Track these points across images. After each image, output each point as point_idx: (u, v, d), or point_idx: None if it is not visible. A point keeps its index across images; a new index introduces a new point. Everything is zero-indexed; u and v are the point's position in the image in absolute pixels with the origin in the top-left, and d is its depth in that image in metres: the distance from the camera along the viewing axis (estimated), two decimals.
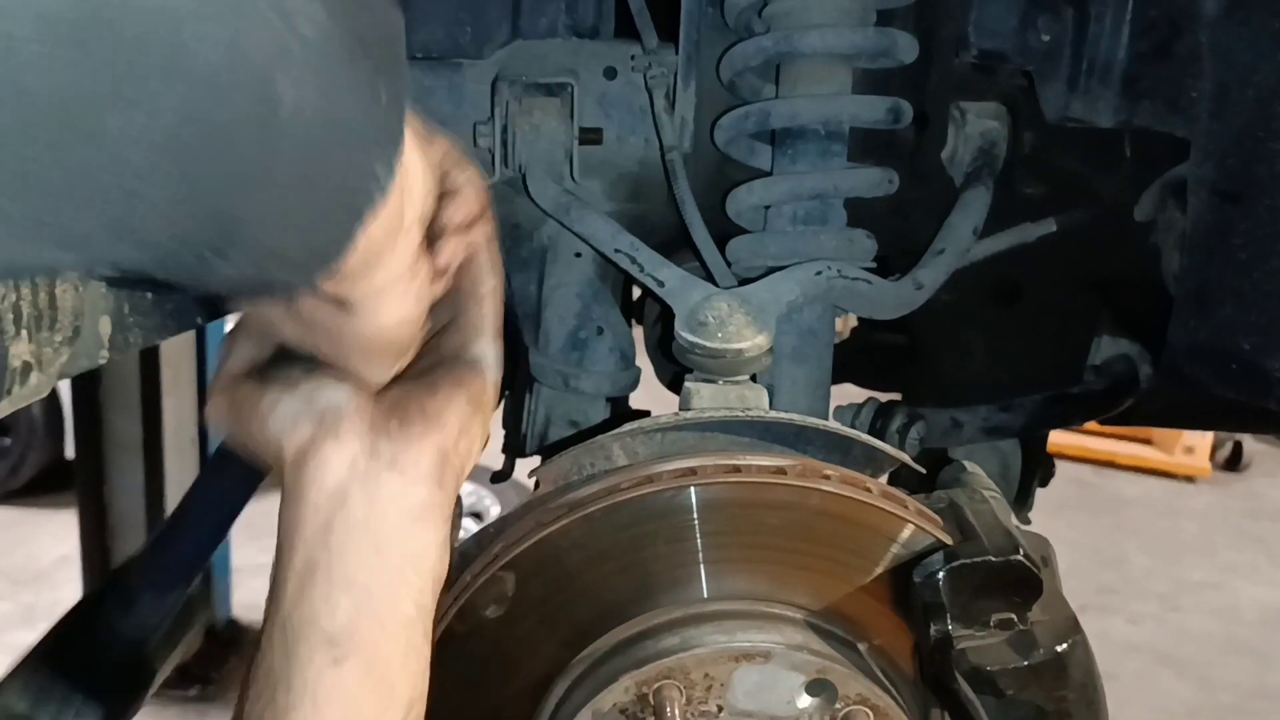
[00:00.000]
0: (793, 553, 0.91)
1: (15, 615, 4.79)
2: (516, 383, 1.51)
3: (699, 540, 0.90)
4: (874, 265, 1.27)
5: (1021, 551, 0.85)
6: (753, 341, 1.03)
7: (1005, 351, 1.50)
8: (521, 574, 0.89)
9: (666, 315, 1.42)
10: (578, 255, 1.38)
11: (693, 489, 0.89)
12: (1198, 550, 5.88)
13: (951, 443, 1.44)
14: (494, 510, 5.12)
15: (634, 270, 1.18)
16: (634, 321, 1.67)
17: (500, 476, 1.55)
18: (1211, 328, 1.33)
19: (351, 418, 0.68)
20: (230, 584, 4.73)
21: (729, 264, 1.27)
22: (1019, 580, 0.86)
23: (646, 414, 1.60)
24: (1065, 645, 0.87)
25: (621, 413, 1.52)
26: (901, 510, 0.89)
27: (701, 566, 0.91)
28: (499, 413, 1.52)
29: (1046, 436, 1.56)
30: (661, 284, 1.14)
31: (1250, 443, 6.78)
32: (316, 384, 0.68)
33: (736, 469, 0.89)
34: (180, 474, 4.31)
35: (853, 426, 1.41)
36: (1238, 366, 1.31)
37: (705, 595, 0.91)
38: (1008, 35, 1.28)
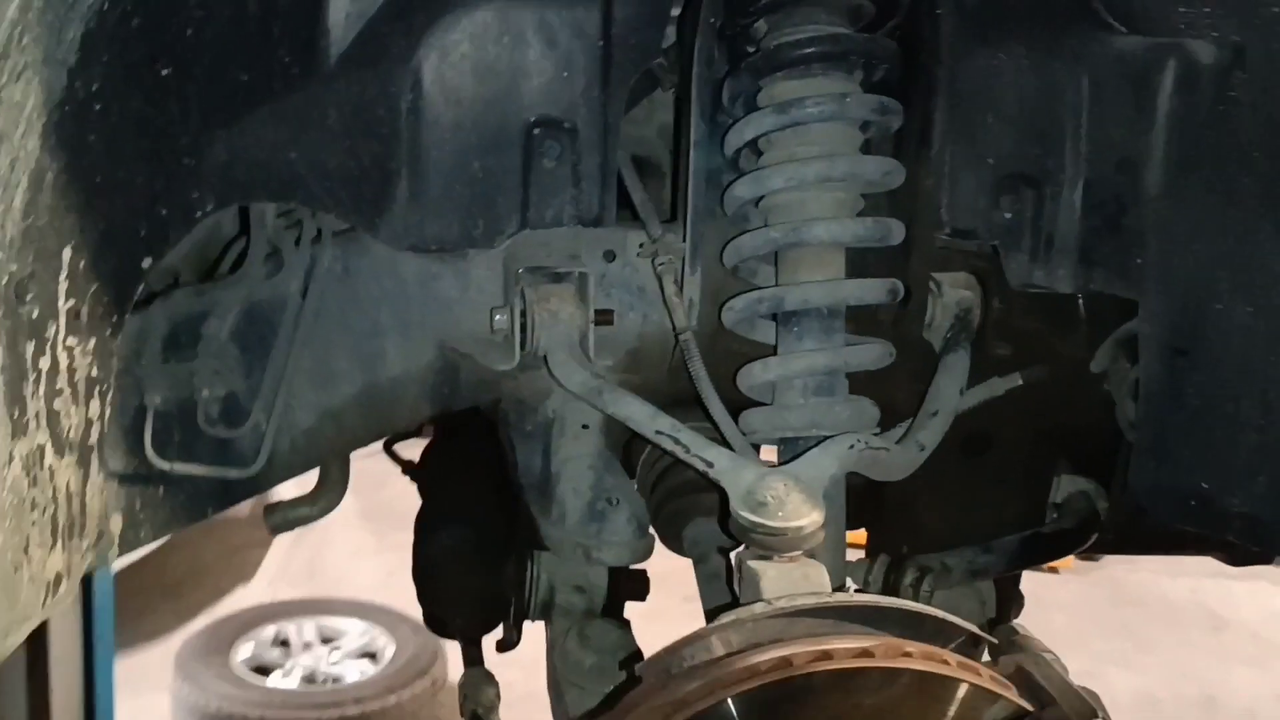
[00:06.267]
0: None
1: None
2: (518, 551, 1.54)
3: None
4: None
5: (1100, 715, 0.93)
6: (809, 519, 1.10)
7: (978, 497, 1.61)
8: None
9: (671, 485, 1.48)
10: (585, 427, 1.43)
11: (791, 679, 0.94)
12: (1069, 641, 6.02)
13: (942, 586, 1.53)
14: (389, 650, 4.99)
15: (679, 451, 1.24)
16: None
17: (505, 645, 1.56)
18: (1171, 470, 1.46)
19: None
20: None
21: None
22: None
23: (643, 574, 1.65)
24: None
25: (625, 576, 1.56)
26: (983, 680, 0.96)
27: None
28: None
29: (1020, 574, 1.67)
30: (711, 464, 1.20)
31: None
32: None
33: (828, 655, 0.94)
34: None
35: (865, 582, 1.48)
36: (1197, 504, 1.44)
37: None
38: (977, 214, 1.41)
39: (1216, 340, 1.41)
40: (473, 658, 1.49)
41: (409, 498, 1.81)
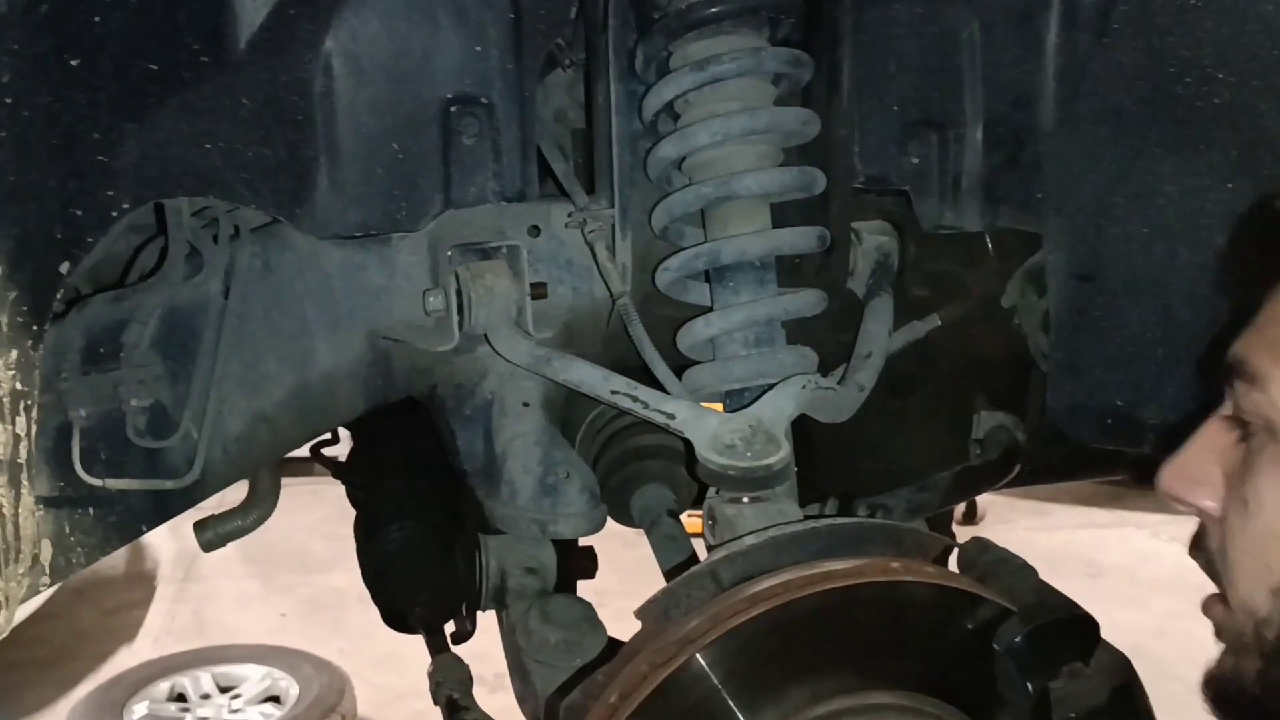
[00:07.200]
0: (884, 643, 0.99)
1: None
2: (465, 541, 1.52)
3: (802, 650, 0.96)
4: None
5: (1081, 609, 0.97)
6: (778, 456, 1.12)
7: (908, 438, 1.66)
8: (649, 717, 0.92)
9: (613, 458, 1.49)
10: (525, 405, 1.42)
11: (791, 604, 0.95)
12: None
13: None
14: (292, 691, 4.83)
15: (637, 409, 1.24)
16: None
17: (461, 636, 1.54)
18: (1086, 390, 1.53)
19: None
20: None
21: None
22: (1083, 630, 0.97)
23: (591, 550, 1.65)
24: (1125, 679, 0.99)
25: (575, 554, 1.56)
26: (970, 588, 0.99)
27: (804, 675, 0.97)
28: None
29: (951, 515, 1.72)
30: (672, 416, 1.21)
31: (981, 496, 7.39)
32: None
33: (827, 576, 0.96)
34: None
35: None
36: (1113, 421, 1.52)
37: (816, 701, 0.97)
38: (887, 160, 1.46)
39: (1118, 262, 1.48)
40: (438, 645, 1.47)
41: (292, 540, 1.74)
